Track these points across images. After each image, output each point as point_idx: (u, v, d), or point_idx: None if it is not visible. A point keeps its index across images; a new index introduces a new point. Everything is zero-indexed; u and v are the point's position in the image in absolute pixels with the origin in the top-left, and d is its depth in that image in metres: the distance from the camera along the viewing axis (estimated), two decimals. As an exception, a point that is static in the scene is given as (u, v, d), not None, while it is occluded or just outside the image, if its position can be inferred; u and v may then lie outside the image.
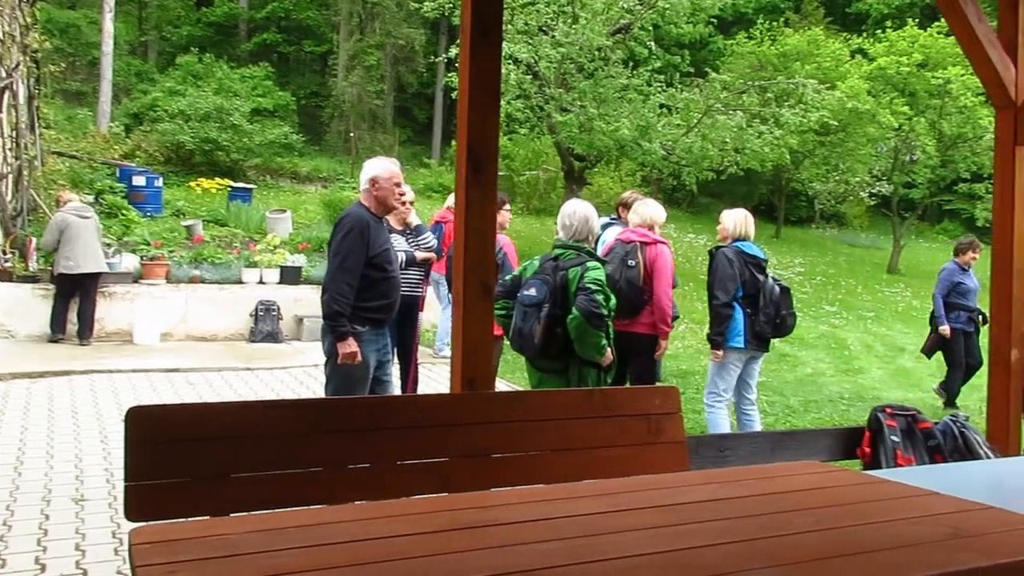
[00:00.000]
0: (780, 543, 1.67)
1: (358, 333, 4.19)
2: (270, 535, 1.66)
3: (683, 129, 14.87)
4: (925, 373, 10.87)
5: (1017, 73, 4.00)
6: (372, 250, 4.22)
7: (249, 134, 17.87)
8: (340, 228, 4.24)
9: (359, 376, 4.25)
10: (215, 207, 14.02)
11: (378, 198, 4.34)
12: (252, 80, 21.94)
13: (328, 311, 4.18)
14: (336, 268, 4.18)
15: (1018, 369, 3.99)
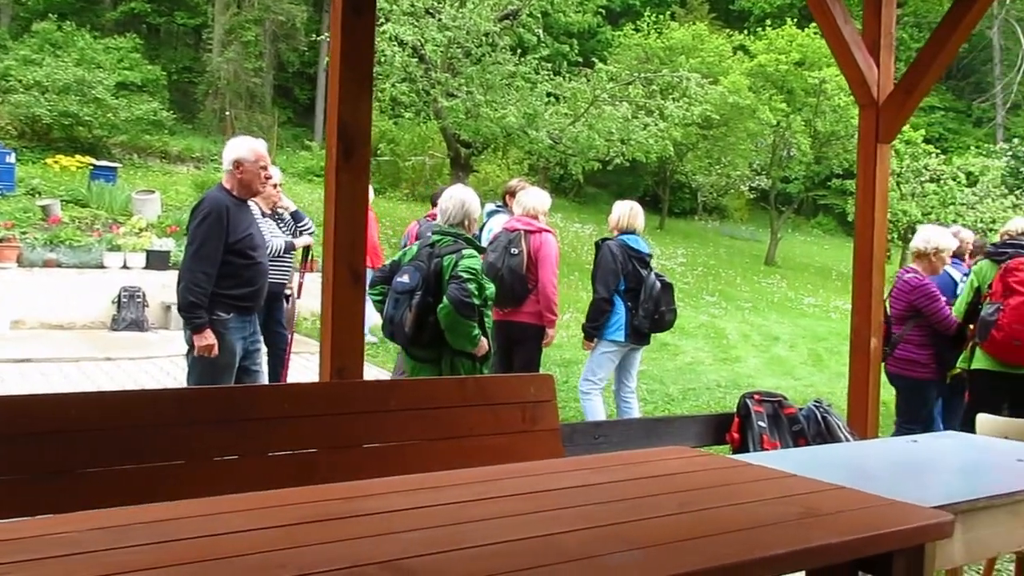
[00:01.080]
0: (643, 527, 1.73)
1: (222, 321, 4.08)
2: (116, 532, 1.59)
3: (570, 119, 15.10)
4: (797, 361, 11.46)
5: (879, 73, 4.25)
6: (233, 236, 4.09)
7: (114, 109, 16.98)
8: (196, 214, 4.10)
9: (223, 365, 4.13)
10: (75, 186, 13.25)
11: (242, 181, 4.22)
12: (118, 52, 20.82)
13: (183, 302, 4.06)
14: (191, 256, 4.05)
15: (876, 356, 4.26)
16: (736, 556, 1.58)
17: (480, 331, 3.93)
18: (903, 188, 22.45)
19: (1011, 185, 24.37)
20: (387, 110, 15.52)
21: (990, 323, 4.86)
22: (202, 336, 4.03)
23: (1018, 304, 4.80)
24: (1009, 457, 2.90)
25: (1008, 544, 2.47)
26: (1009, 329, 4.80)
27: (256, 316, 4.38)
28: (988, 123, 33.70)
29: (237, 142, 4.38)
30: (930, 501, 2.13)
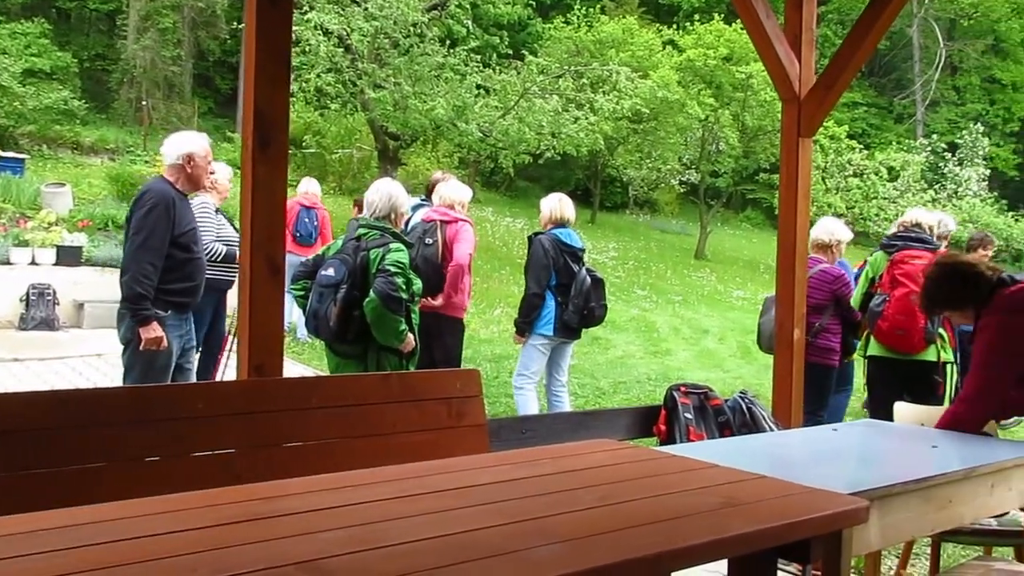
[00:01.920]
0: (565, 520, 1.74)
1: (160, 319, 4.02)
2: (25, 538, 1.54)
3: (500, 111, 15.11)
4: (726, 354, 11.72)
5: (801, 68, 4.36)
6: (178, 229, 4.08)
7: (20, 97, 16.33)
8: (142, 204, 4.05)
9: (162, 364, 4.07)
10: (-23, 179, 12.71)
11: (191, 176, 4.23)
12: (25, 37, 20.00)
13: (130, 293, 3.99)
14: (138, 247, 3.99)
15: (800, 347, 4.38)
16: (655, 547, 1.60)
17: (407, 327, 3.90)
18: (828, 182, 23.14)
19: (930, 180, 25.38)
20: (312, 101, 15.29)
21: (877, 314, 5.18)
22: (149, 328, 3.97)
23: (902, 295, 5.07)
24: (924, 444, 3.02)
25: (922, 528, 2.57)
26: (893, 319, 5.11)
27: (191, 314, 4.32)
28: (909, 119, 34.94)
29: (188, 137, 4.38)
30: (847, 488, 2.20)
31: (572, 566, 1.47)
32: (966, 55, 35.88)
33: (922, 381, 5.12)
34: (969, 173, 25.79)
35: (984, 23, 36.04)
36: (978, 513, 2.78)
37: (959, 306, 3.24)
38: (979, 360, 3.08)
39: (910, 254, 5.19)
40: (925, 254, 5.12)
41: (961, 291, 3.19)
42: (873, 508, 2.25)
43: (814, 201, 22.09)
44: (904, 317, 5.06)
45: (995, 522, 3.25)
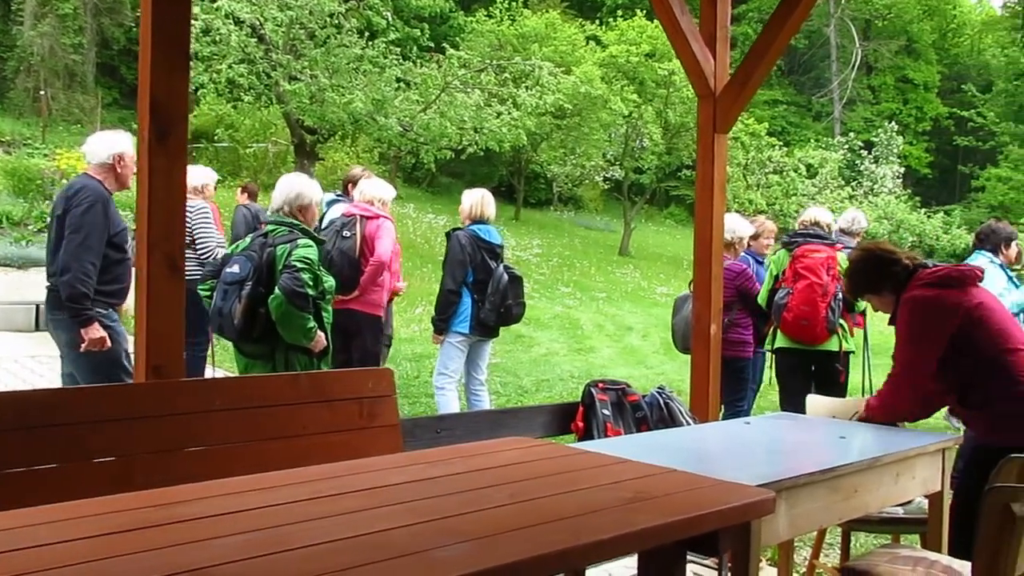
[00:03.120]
0: (473, 519, 1.75)
1: (101, 317, 4.05)
2: None
3: (421, 105, 15.04)
4: (650, 351, 11.91)
5: (716, 65, 4.45)
6: (113, 228, 4.11)
7: (-94, 86, 15.54)
8: (79, 201, 4.06)
9: (111, 362, 4.09)
10: None
11: (121, 176, 4.25)
12: (-90, 22, 19.05)
13: (73, 292, 3.97)
14: (78, 246, 4.00)
15: (716, 342, 4.48)
16: (563, 543, 1.62)
17: (316, 324, 3.84)
18: (749, 179, 23.76)
19: (847, 177, 26.28)
20: (224, 93, 14.94)
21: (782, 306, 5.46)
22: (91, 329, 4.00)
23: (804, 287, 5.37)
24: (832, 435, 3.13)
25: (829, 517, 2.66)
26: (797, 310, 5.38)
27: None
28: (827, 117, 36.10)
29: (117, 135, 4.37)
30: (756, 480, 2.26)
31: (477, 564, 1.47)
32: (881, 55, 37.28)
33: (826, 371, 5.36)
34: (884, 171, 26.78)
35: (897, 24, 37.53)
36: (884, 501, 2.89)
37: (878, 290, 3.36)
38: (900, 339, 3.19)
39: (810, 248, 5.47)
40: (824, 248, 5.42)
41: (879, 275, 3.31)
42: (781, 499, 2.32)
43: (735, 198, 22.81)
44: (807, 308, 5.34)
45: (901, 510, 3.39)
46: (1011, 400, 3.04)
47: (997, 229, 6.10)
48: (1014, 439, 2.82)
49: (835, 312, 5.29)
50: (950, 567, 2.70)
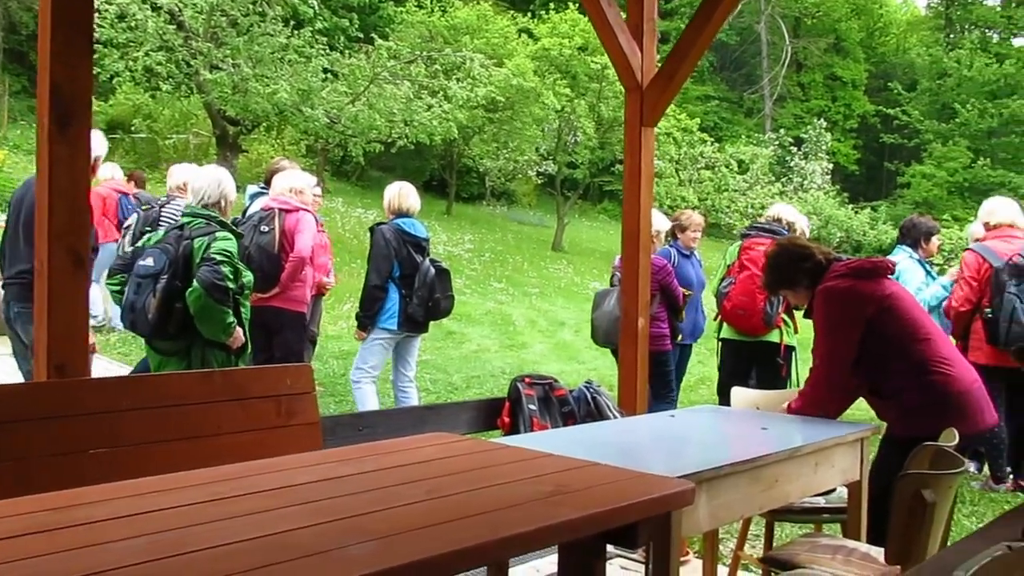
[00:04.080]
0: (386, 516, 1.73)
1: None
2: None
3: (349, 97, 14.87)
4: (582, 346, 12.00)
5: (643, 57, 4.50)
6: None
7: None
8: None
9: None
10: None
11: None
12: None
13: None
14: None
15: (644, 336, 4.53)
16: (477, 538, 1.62)
17: (235, 320, 3.77)
18: (681, 175, 24.12)
19: (778, 173, 26.90)
20: (141, 82, 14.54)
21: (724, 295, 5.66)
22: None
23: (745, 278, 5.53)
24: (755, 426, 3.19)
25: (750, 507, 2.71)
26: (736, 300, 5.57)
27: None
28: (758, 114, 36.87)
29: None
30: (677, 471, 2.30)
31: (384, 562, 1.46)
32: (810, 53, 38.20)
33: (767, 363, 5.49)
34: (813, 167, 27.46)
35: (826, 22, 38.51)
36: (804, 491, 2.96)
37: (793, 284, 3.46)
38: (819, 330, 3.29)
39: (757, 241, 5.62)
40: (769, 243, 5.48)
41: (793, 270, 3.41)
42: (702, 490, 2.36)
43: (667, 193, 23.15)
44: (745, 298, 5.51)
45: (823, 500, 3.48)
46: (921, 389, 3.15)
47: (918, 224, 6.31)
48: (924, 427, 2.93)
49: (774, 305, 5.42)
50: (868, 554, 2.78)
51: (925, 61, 36.50)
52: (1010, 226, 5.65)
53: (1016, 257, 5.46)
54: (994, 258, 5.50)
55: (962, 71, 33.90)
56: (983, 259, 5.55)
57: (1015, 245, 5.56)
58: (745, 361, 5.62)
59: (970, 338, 5.51)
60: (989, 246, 5.61)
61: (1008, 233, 5.62)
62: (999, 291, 5.41)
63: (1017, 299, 5.38)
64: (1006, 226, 5.65)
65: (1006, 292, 5.39)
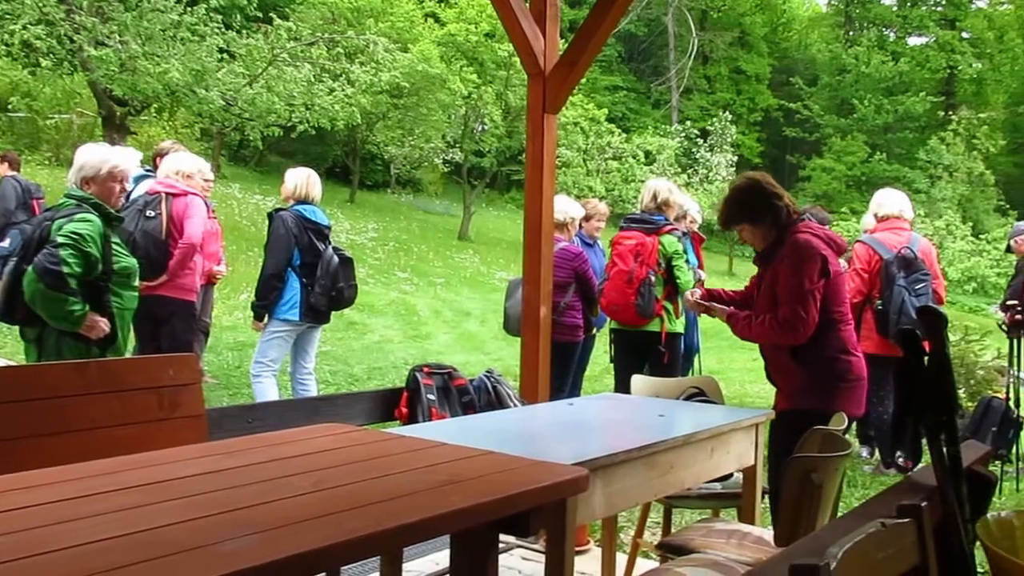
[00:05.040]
0: (269, 509, 1.69)
1: None
2: None
3: (246, 79, 14.49)
4: (488, 336, 12.04)
5: (545, 43, 4.51)
6: None
7: None
8: None
9: None
10: None
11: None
12: None
13: None
14: None
15: (547, 326, 4.57)
16: (365, 529, 1.59)
17: (85, 308, 3.55)
18: (589, 164, 24.39)
19: (684, 164, 27.48)
20: (19, 57, 13.83)
21: (600, 291, 5.73)
22: None
23: (613, 274, 5.61)
24: (652, 413, 3.25)
25: (646, 494, 2.76)
26: (607, 296, 5.63)
27: None
28: (665, 105, 37.55)
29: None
30: (572, 458, 2.32)
31: (265, 556, 1.42)
32: (716, 46, 39.10)
33: (653, 352, 5.58)
34: (719, 159, 28.11)
35: (731, 16, 39.50)
36: (700, 477, 3.03)
37: (757, 220, 3.42)
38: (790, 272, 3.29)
39: (624, 235, 5.68)
40: (637, 235, 5.56)
41: (763, 206, 3.40)
42: (597, 477, 2.39)
43: (575, 183, 23.37)
44: (615, 294, 5.56)
45: (719, 486, 3.57)
46: (830, 363, 3.29)
47: (813, 214, 6.53)
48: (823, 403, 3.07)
49: (645, 297, 5.45)
50: (761, 537, 2.86)
51: (825, 57, 37.88)
52: (898, 218, 5.91)
53: (905, 249, 5.71)
54: (884, 250, 5.74)
55: (860, 68, 35.32)
56: (873, 251, 5.78)
57: (903, 237, 5.82)
58: (634, 350, 5.67)
59: (861, 328, 5.74)
60: (879, 238, 5.85)
61: (897, 225, 5.88)
62: (889, 283, 5.66)
63: (906, 291, 5.64)
64: (894, 218, 5.90)
65: (896, 284, 5.63)
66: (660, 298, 5.56)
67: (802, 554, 1.18)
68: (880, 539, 1.31)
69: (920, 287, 5.67)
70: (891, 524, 1.37)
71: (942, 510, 1.62)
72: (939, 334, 1.67)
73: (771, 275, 3.41)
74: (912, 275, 5.68)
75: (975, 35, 36.70)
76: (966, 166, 28.84)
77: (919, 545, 1.47)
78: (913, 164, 31.34)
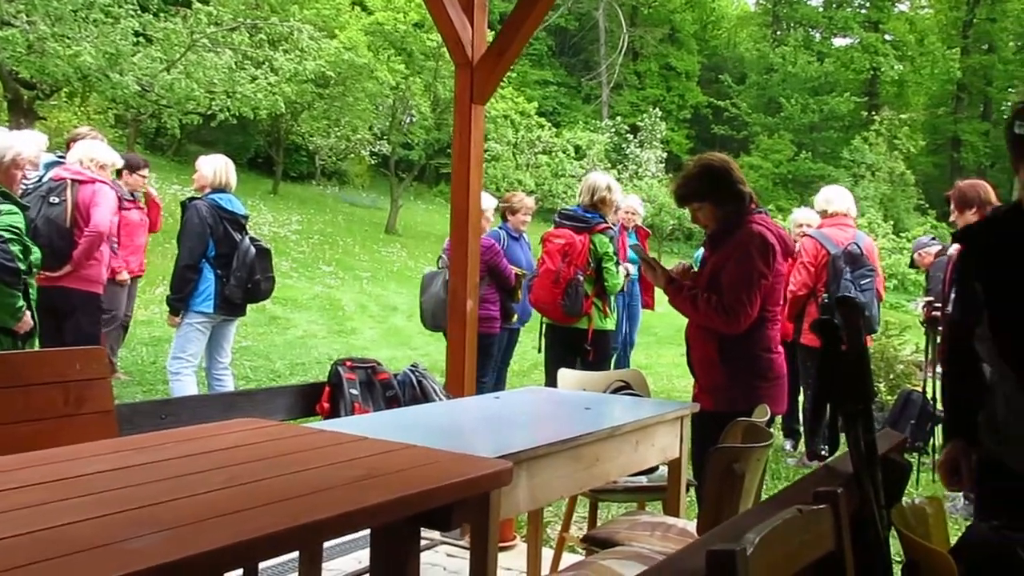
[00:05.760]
0: (178, 506, 1.65)
1: None
2: None
3: (163, 64, 14.11)
4: (415, 331, 11.96)
5: (473, 33, 4.50)
6: None
7: None
8: None
9: None
10: None
11: None
12: None
13: None
14: None
15: (473, 319, 4.56)
16: (277, 526, 1.56)
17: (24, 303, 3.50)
18: (518, 158, 24.44)
19: (614, 160, 27.74)
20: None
21: (528, 288, 5.80)
22: None
23: (542, 272, 5.64)
24: (578, 406, 3.27)
25: (571, 487, 2.78)
26: (536, 294, 5.68)
27: None
28: (595, 100, 37.83)
29: None
30: (496, 452, 2.32)
31: (172, 554, 1.38)
32: (646, 42, 39.57)
33: (579, 347, 5.63)
34: (648, 155, 28.45)
35: (662, 12, 40.02)
36: (625, 469, 3.06)
37: (719, 202, 3.42)
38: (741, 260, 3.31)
39: (554, 233, 5.71)
40: (567, 234, 5.59)
41: (728, 190, 3.41)
42: (521, 470, 2.40)
43: (505, 177, 23.41)
44: (542, 292, 5.60)
45: (645, 479, 3.62)
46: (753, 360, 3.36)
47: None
48: (740, 404, 3.11)
49: (571, 297, 5.45)
50: (685, 529, 2.91)
51: (753, 56, 38.66)
52: (845, 215, 6.13)
53: (851, 245, 5.92)
54: (831, 245, 5.93)
55: (787, 67, 36.15)
56: (821, 245, 5.96)
57: (848, 233, 6.04)
58: (566, 346, 5.70)
59: (804, 321, 5.89)
60: (826, 233, 6.04)
61: (843, 222, 6.11)
62: (836, 277, 5.84)
63: (852, 285, 5.82)
64: (842, 215, 6.12)
65: (842, 279, 5.82)
66: (590, 295, 5.58)
67: (719, 540, 1.20)
68: (796, 525, 1.34)
69: (865, 282, 5.86)
70: (807, 510, 1.40)
71: (858, 497, 1.67)
72: (856, 325, 1.71)
73: (718, 260, 3.42)
74: (858, 270, 5.86)
75: (897, 38, 37.90)
76: (888, 166, 29.76)
77: (835, 531, 1.51)
78: (837, 163, 32.19)
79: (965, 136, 36.34)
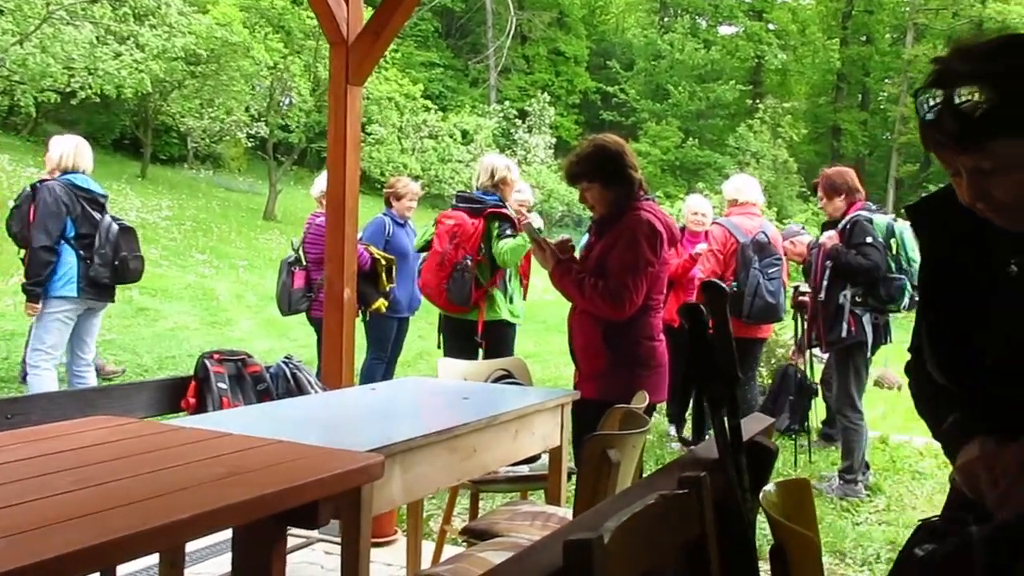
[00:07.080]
0: (22, 511, 1.58)
1: None
2: None
3: (15, 37, 13.39)
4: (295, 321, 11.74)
5: (349, 11, 4.44)
6: None
7: None
8: None
9: None
10: None
11: None
12: None
13: None
14: None
15: (350, 307, 4.51)
16: (129, 528, 1.51)
17: None
18: (404, 142, 24.27)
19: (502, 145, 27.84)
20: None
21: (418, 272, 5.73)
22: None
23: (429, 256, 5.48)
24: (457, 396, 3.29)
25: (449, 478, 2.79)
26: (423, 278, 5.52)
27: None
28: (483, 84, 37.86)
29: None
30: (368, 445, 2.30)
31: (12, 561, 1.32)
32: (534, 26, 39.79)
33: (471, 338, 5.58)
34: (537, 140, 28.68)
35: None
36: (505, 459, 3.09)
37: (611, 183, 3.45)
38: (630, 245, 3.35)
39: (446, 215, 5.52)
40: (459, 216, 5.41)
41: (620, 173, 3.44)
42: (395, 463, 2.39)
43: (390, 161, 23.20)
44: (429, 275, 5.42)
45: (527, 468, 3.67)
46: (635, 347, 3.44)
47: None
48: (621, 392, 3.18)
49: (457, 282, 5.25)
50: (565, 518, 2.96)
51: (641, 42, 39.37)
52: (754, 204, 6.38)
53: (759, 234, 6.13)
54: (740, 234, 6.13)
55: (675, 54, 37.00)
56: (730, 233, 6.16)
57: (756, 223, 6.27)
58: (459, 336, 5.53)
59: None
60: (735, 222, 6.24)
61: (751, 211, 6.35)
62: (745, 266, 6.04)
63: (761, 274, 6.03)
64: (750, 204, 6.35)
65: (752, 267, 6.02)
66: (484, 284, 5.36)
67: (580, 529, 1.23)
68: (658, 511, 1.38)
69: (773, 271, 6.09)
70: (670, 495, 1.44)
71: (723, 481, 1.73)
72: (722, 309, 1.77)
73: (605, 245, 3.47)
74: (766, 259, 6.08)
75: (780, 27, 39.27)
76: (771, 153, 30.89)
77: (699, 516, 1.57)
78: (723, 150, 33.20)
79: (845, 125, 38.01)
